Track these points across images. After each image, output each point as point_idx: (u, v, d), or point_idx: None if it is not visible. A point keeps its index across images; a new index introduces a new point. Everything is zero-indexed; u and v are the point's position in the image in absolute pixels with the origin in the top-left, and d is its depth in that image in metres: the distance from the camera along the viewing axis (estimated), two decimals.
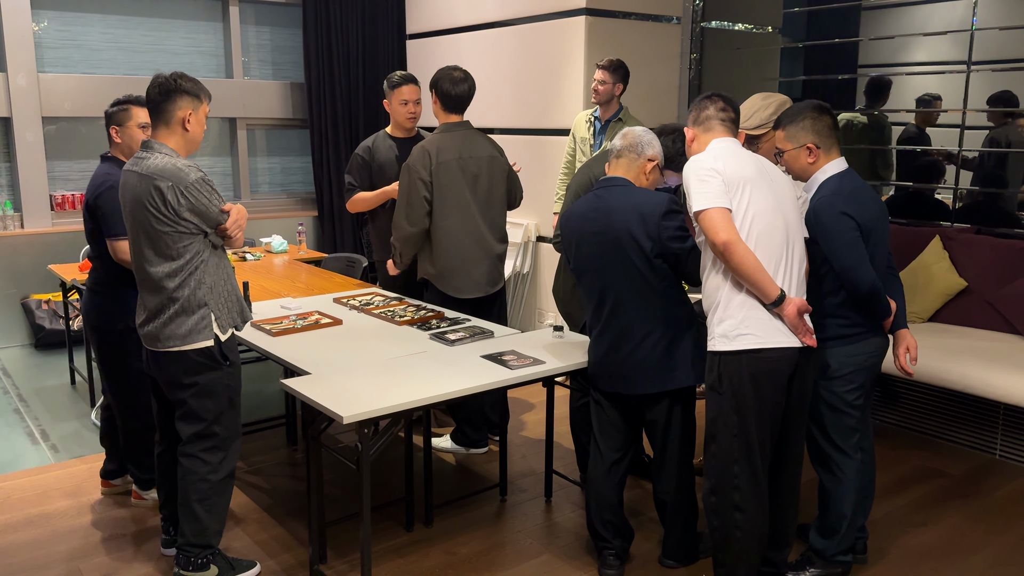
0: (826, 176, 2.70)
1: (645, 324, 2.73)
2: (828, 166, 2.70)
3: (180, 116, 2.66)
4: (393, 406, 2.50)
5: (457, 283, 3.68)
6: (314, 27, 6.70)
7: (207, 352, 2.71)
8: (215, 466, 2.78)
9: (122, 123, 3.19)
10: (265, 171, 7.05)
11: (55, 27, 5.96)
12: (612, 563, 2.91)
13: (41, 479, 3.71)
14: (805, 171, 2.73)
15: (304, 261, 5.22)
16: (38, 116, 5.85)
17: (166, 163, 2.61)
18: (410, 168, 3.59)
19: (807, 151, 2.69)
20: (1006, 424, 3.92)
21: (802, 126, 2.69)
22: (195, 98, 2.68)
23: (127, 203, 2.68)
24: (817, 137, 2.68)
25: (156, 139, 2.68)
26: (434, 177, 3.57)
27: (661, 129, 3.02)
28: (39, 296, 5.88)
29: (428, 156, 3.57)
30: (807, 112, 2.70)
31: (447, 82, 3.65)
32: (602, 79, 4.29)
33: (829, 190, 2.66)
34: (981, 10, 4.49)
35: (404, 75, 4.02)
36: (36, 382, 5.12)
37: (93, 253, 3.23)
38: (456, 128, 3.67)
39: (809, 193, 2.73)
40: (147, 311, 2.73)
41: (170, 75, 2.66)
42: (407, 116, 4.04)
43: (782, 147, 2.74)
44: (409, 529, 3.25)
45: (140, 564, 3.01)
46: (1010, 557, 3.08)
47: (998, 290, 4.20)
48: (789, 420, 2.62)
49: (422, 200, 3.58)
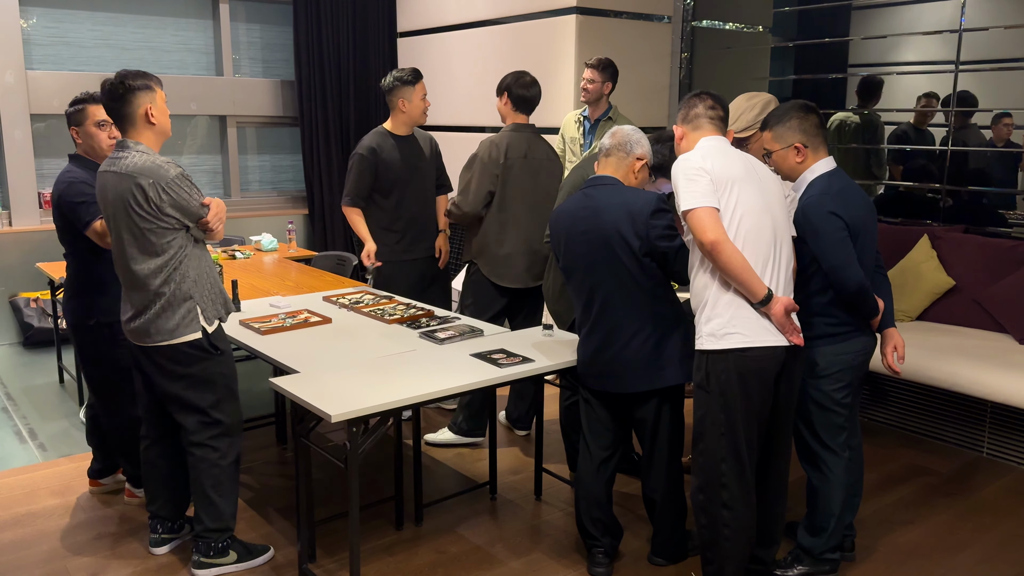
0: (814, 175, 2.71)
1: (634, 322, 2.73)
2: (816, 165, 2.71)
3: (141, 113, 2.69)
4: (382, 404, 2.50)
5: (501, 271, 3.86)
6: (305, 25, 6.68)
7: (196, 344, 2.76)
8: (224, 452, 2.86)
9: (80, 123, 3.18)
10: (255, 169, 7.03)
11: (43, 24, 5.93)
12: (601, 561, 2.92)
13: (29, 478, 3.69)
14: (793, 171, 2.74)
15: (294, 259, 5.21)
16: (26, 113, 5.82)
17: (144, 160, 2.64)
18: (482, 161, 3.79)
19: (795, 151, 2.70)
20: (993, 422, 3.94)
21: (789, 126, 2.70)
22: (148, 90, 2.69)
23: (108, 204, 2.70)
24: (804, 136, 2.70)
25: (128, 138, 2.70)
26: (502, 172, 3.76)
27: (658, 136, 3.04)
28: (27, 294, 5.85)
29: (501, 151, 3.78)
30: (794, 112, 2.71)
31: (519, 86, 3.84)
32: (591, 78, 4.29)
33: (817, 189, 2.67)
34: (970, 10, 4.51)
35: (416, 70, 4.04)
36: (24, 380, 5.09)
37: (65, 251, 3.22)
38: (524, 129, 3.87)
39: (798, 192, 2.74)
40: (133, 308, 2.74)
41: (115, 78, 2.66)
42: (425, 110, 4.09)
43: (770, 147, 2.76)
44: (399, 528, 3.25)
45: (128, 563, 3.00)
46: (997, 555, 3.10)
47: (986, 289, 4.23)
48: (776, 418, 2.63)
49: (486, 192, 3.80)
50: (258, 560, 2.97)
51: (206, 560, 2.88)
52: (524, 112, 3.88)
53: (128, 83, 2.65)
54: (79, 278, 3.19)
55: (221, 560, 2.90)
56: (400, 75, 3.99)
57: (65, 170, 3.16)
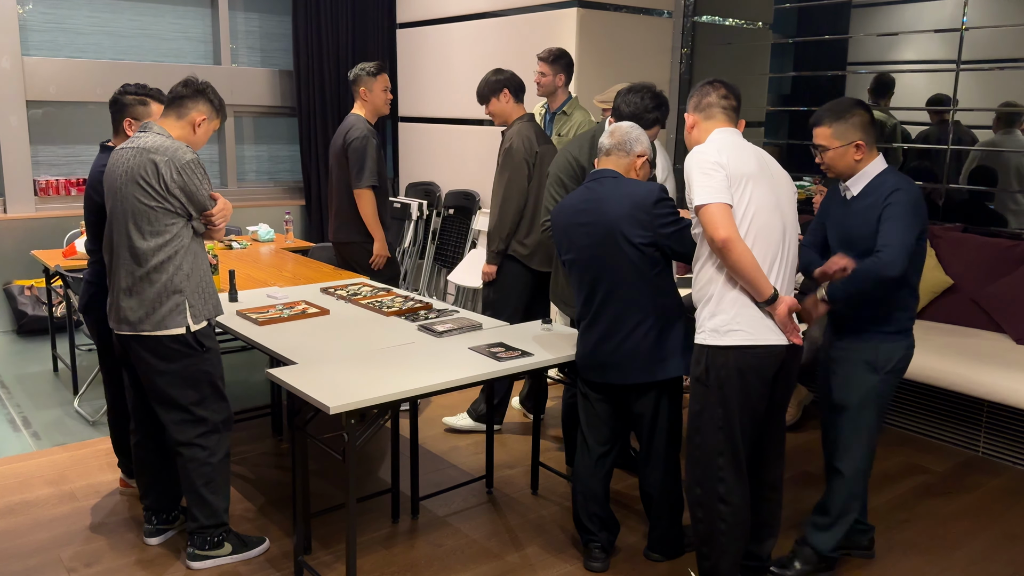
0: (877, 171, 2.67)
1: (637, 314, 2.73)
2: (876, 162, 2.68)
3: (195, 117, 2.74)
4: (380, 397, 2.49)
5: (540, 258, 3.87)
6: (304, 14, 6.64)
7: (180, 339, 2.73)
8: (213, 449, 2.84)
9: (140, 117, 3.05)
10: (253, 159, 6.99)
11: (40, 10, 5.88)
12: (598, 556, 2.92)
13: (22, 466, 3.67)
14: (851, 168, 2.69)
15: (291, 250, 5.19)
16: (22, 100, 5.77)
17: (162, 141, 2.66)
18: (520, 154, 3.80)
19: (855, 148, 2.65)
20: (989, 421, 3.95)
21: (852, 123, 2.64)
22: (215, 110, 2.78)
23: (116, 178, 2.68)
24: (865, 135, 2.65)
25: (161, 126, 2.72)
26: (536, 160, 3.82)
27: (629, 88, 3.10)
28: (22, 282, 5.82)
29: (532, 141, 3.81)
30: (856, 109, 2.66)
31: (513, 79, 3.90)
32: (542, 71, 4.17)
33: (904, 179, 2.63)
34: (971, 9, 4.50)
35: (380, 63, 4.24)
36: (18, 369, 5.07)
37: (92, 246, 3.10)
38: (532, 118, 3.92)
39: (856, 188, 2.69)
40: (118, 290, 2.72)
41: (204, 82, 2.77)
42: (387, 101, 4.27)
43: (827, 144, 2.68)
44: (395, 520, 3.24)
45: (122, 552, 2.99)
46: (992, 553, 3.10)
47: (983, 288, 4.23)
48: (771, 415, 2.63)
49: (524, 187, 3.83)
50: (253, 552, 2.96)
51: (201, 552, 2.87)
52: (521, 100, 3.92)
53: (210, 91, 2.76)
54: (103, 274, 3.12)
55: (216, 552, 2.89)
56: (365, 67, 4.22)
57: (99, 159, 3.06)
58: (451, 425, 4.14)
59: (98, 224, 3.00)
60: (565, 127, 4.14)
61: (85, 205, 3.07)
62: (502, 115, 3.91)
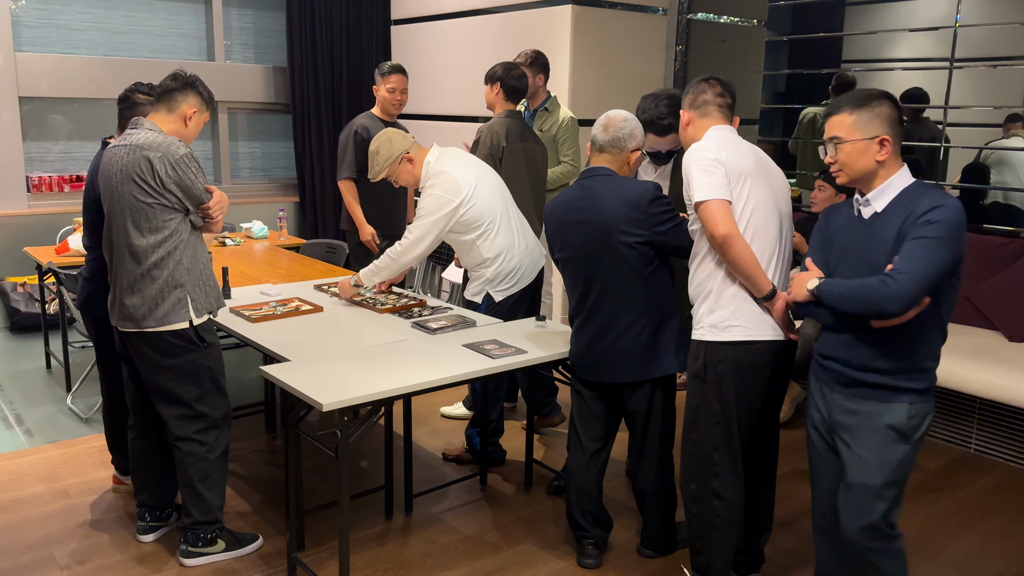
0: (905, 183, 2.15)
1: (631, 312, 2.73)
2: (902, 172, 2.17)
3: (185, 111, 2.75)
4: (373, 394, 2.49)
5: None
6: (298, 10, 6.63)
7: (182, 334, 2.72)
8: (211, 446, 2.84)
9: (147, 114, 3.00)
10: (246, 156, 6.98)
11: (33, 6, 5.86)
12: (591, 552, 2.92)
13: (15, 464, 3.66)
14: (869, 172, 2.16)
15: (284, 247, 5.18)
16: (15, 96, 5.75)
17: (154, 137, 2.67)
18: (484, 147, 3.82)
19: (879, 145, 2.14)
20: (981, 418, 3.96)
21: (878, 113, 2.14)
22: (205, 103, 2.80)
23: (111, 177, 2.68)
24: (892, 131, 2.14)
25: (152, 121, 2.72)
26: (504, 156, 3.82)
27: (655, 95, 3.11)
28: (14, 279, 5.80)
29: (501, 136, 3.82)
30: (883, 99, 2.16)
31: (511, 79, 3.90)
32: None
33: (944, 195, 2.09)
34: (965, 7, 4.51)
35: (393, 65, 4.40)
36: (11, 366, 5.05)
37: (90, 243, 3.08)
38: (515, 115, 3.92)
39: (880, 203, 2.16)
40: (120, 288, 2.71)
41: (191, 74, 2.79)
42: (392, 103, 4.43)
43: (845, 135, 2.17)
44: (388, 517, 3.24)
45: (115, 550, 2.98)
46: (984, 549, 3.11)
47: (976, 286, 4.24)
48: (765, 412, 2.64)
49: None
50: (247, 549, 2.96)
51: (194, 549, 2.87)
52: (513, 101, 3.94)
53: (199, 84, 2.77)
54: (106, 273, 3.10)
55: (210, 549, 2.89)
56: (380, 66, 4.43)
57: (99, 156, 3.02)
58: (448, 414, 4.26)
59: (97, 221, 2.99)
60: (547, 123, 4.27)
61: (84, 202, 3.08)
62: (490, 105, 3.98)
